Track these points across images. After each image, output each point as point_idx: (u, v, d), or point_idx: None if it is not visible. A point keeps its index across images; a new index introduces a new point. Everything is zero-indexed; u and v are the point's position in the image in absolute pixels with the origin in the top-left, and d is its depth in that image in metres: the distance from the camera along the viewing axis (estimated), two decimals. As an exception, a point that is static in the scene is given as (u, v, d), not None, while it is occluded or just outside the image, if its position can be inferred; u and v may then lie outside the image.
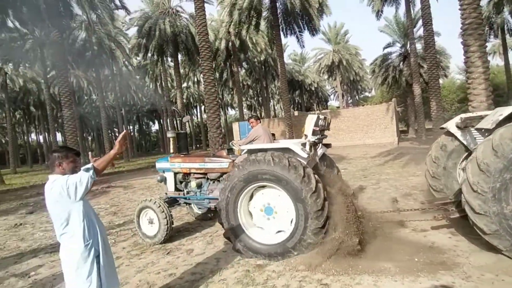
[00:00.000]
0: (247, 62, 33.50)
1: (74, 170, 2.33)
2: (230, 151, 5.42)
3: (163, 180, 5.53)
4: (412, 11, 22.29)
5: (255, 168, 3.84)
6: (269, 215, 4.06)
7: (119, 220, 6.87)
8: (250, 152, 4.23)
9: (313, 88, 44.72)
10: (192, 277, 3.64)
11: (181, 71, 32.78)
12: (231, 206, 4.01)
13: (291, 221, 3.83)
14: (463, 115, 4.27)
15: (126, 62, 30.66)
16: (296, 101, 48.17)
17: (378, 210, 4.93)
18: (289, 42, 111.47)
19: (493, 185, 3.11)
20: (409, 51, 23.68)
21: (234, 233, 4.01)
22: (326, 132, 5.05)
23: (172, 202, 5.37)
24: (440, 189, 4.60)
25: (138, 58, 32.53)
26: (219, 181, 5.00)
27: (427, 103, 19.97)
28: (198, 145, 51.23)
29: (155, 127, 62.87)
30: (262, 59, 32.59)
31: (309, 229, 3.64)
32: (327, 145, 5.00)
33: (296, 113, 29.38)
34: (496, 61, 42.56)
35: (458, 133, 4.33)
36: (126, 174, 18.45)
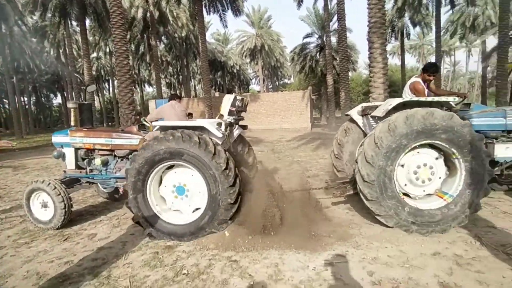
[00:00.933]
0: (166, 37, 31.50)
1: None
2: (142, 127, 5.05)
3: (61, 156, 4.86)
4: (329, 5, 23.75)
5: (164, 146, 3.65)
6: (181, 194, 3.93)
7: (5, 205, 5.87)
8: (163, 129, 3.99)
9: (235, 71, 44.75)
10: (93, 263, 3.32)
11: (90, 38, 29.09)
12: (139, 187, 3.75)
13: (205, 197, 3.78)
14: (364, 104, 4.74)
15: (19, 21, 25.68)
16: (218, 82, 47.67)
17: (288, 189, 5.23)
18: (213, 21, 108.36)
19: (383, 158, 3.55)
20: (325, 43, 25.34)
21: (144, 217, 3.78)
22: (243, 114, 5.07)
23: (72, 182, 4.79)
24: (341, 169, 5.07)
25: (35, 17, 27.59)
26: (128, 159, 4.63)
27: (338, 93, 21.87)
28: (110, 123, 46.95)
29: (57, 100, 54.92)
30: (183, 35, 31.03)
31: (221, 206, 3.66)
32: (244, 127, 5.03)
33: (217, 94, 29.11)
34: (395, 61, 48.93)
35: (358, 120, 4.81)
36: (18, 153, 15.82)
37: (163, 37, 31.75)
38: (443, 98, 3.81)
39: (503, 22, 16.06)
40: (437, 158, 3.80)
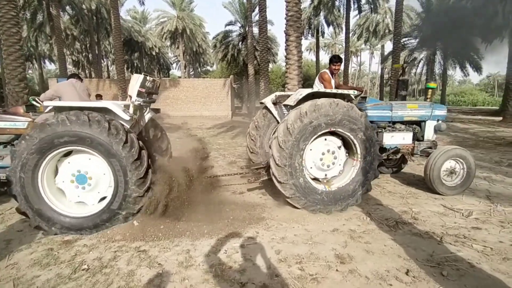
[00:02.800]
0: (72, 7, 27.77)
1: None
2: (31, 107, 4.36)
3: None
4: (252, -5, 23.96)
5: (63, 129, 3.22)
6: (83, 184, 3.54)
7: None
8: (59, 110, 3.51)
9: (154, 53, 42.07)
10: (-39, 269, 2.77)
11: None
12: (28, 176, 3.25)
13: (111, 187, 3.48)
14: (277, 93, 4.96)
15: None
16: (135, 64, 44.24)
17: (204, 175, 5.19)
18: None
19: (294, 143, 3.77)
20: (248, 33, 25.64)
21: (35, 209, 3.30)
22: (159, 97, 4.79)
23: None
24: (255, 151, 5.23)
25: None
26: (13, 145, 3.96)
27: (259, 84, 22.45)
28: (-2, 103, 39.66)
29: None
30: (93, 7, 27.78)
31: (129, 199, 3.41)
32: (156, 110, 4.76)
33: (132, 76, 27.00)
34: (311, 57, 52.33)
35: (272, 108, 5.01)
36: None
37: (67, 7, 27.87)
38: (345, 91, 4.22)
39: (397, 30, 18.55)
40: (339, 147, 4.21)
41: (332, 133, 4.15)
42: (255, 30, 26.25)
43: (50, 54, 39.92)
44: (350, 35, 31.95)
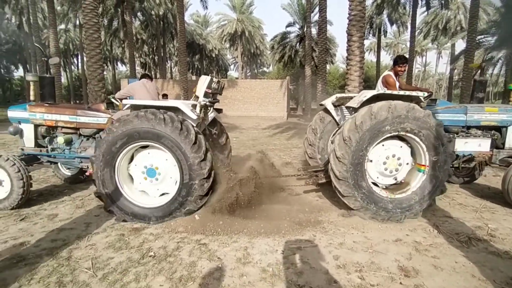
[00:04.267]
0: (143, 14, 30.16)
1: None
2: (110, 105, 4.84)
3: (18, 132, 4.55)
4: (311, -5, 23.66)
5: (141, 126, 3.53)
6: (151, 177, 3.84)
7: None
8: (134, 108, 3.85)
9: (213, 55, 43.80)
10: (52, 244, 3.18)
11: (58, 8, 27.25)
12: (107, 165, 3.62)
13: (176, 184, 3.73)
14: (338, 95, 4.83)
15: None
16: (195, 65, 46.54)
17: (261, 176, 5.27)
18: (192, 1, 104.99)
19: (353, 155, 3.65)
20: (306, 34, 25.38)
21: (109, 194, 3.66)
22: (218, 97, 5.00)
23: (30, 159, 4.54)
24: (314, 156, 5.17)
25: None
26: (94, 138, 4.44)
27: (315, 85, 22.11)
28: (77, 101, 44.74)
29: (19, 73, 51.01)
30: (160, 13, 29.85)
31: (192, 197, 3.63)
32: (219, 110, 4.97)
33: (194, 77, 28.47)
34: (371, 57, 49.99)
35: (332, 110, 4.90)
36: (-26, 126, 14.71)
37: (138, 14, 30.36)
38: (413, 93, 3.95)
39: (472, 27, 16.84)
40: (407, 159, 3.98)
41: (397, 139, 3.93)
42: (313, 30, 25.91)
43: (122, 56, 43.98)
44: (416, 33, 29.80)
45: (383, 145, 3.92)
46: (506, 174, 4.23)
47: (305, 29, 25.61)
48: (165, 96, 10.80)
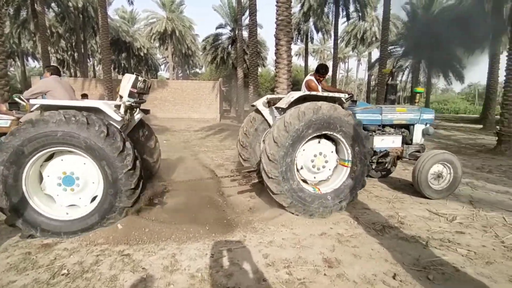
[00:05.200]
0: (58, 4, 27.19)
1: None
2: (14, 105, 4.20)
3: None
4: (242, -2, 24.01)
5: (58, 129, 3.12)
6: (69, 185, 3.42)
7: None
8: (46, 108, 3.40)
9: (142, 54, 41.54)
10: None
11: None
12: (11, 172, 3.12)
13: (99, 195, 3.40)
14: (269, 96, 4.95)
15: None
16: (123, 64, 43.57)
17: (192, 178, 5.12)
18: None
19: (283, 154, 3.75)
20: (237, 36, 25.63)
21: (14, 206, 3.16)
22: (148, 98, 4.71)
23: None
24: (247, 158, 5.20)
25: None
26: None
27: (248, 87, 22.46)
28: (-23, 101, 38.25)
29: None
30: (79, 5, 27.26)
31: (122, 192, 3.33)
32: (146, 111, 4.69)
33: (120, 76, 26.61)
34: (300, 62, 52.77)
35: (264, 111, 5.00)
36: None
37: (53, 4, 27.28)
38: (336, 94, 4.24)
39: (384, 38, 18.93)
40: (332, 151, 4.24)
41: (327, 137, 4.17)
42: (245, 33, 26.31)
43: (34, 51, 38.85)
44: (339, 41, 32.38)
45: (304, 148, 4.11)
46: (415, 166, 4.78)
47: (237, 31, 25.88)
48: (84, 96, 9.85)
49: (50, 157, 3.40)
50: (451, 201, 4.77)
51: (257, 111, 5.16)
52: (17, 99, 4.24)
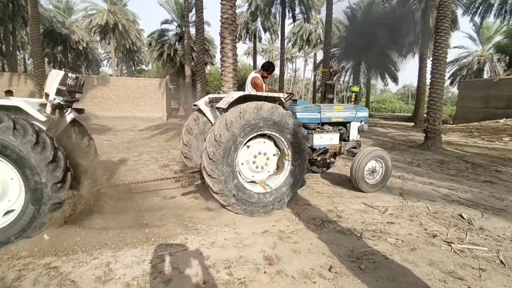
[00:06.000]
0: (-22, -11, 24.08)
1: None
2: None
3: None
4: (189, -5, 23.42)
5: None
6: None
7: None
8: None
9: (81, 48, 38.50)
10: None
11: None
12: None
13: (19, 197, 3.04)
14: (211, 95, 4.89)
15: None
16: (59, 58, 39.93)
17: (133, 181, 4.87)
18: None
19: (223, 153, 3.73)
20: (184, 33, 24.96)
21: None
22: (84, 96, 4.35)
23: None
24: (190, 156, 5.07)
25: None
26: None
27: (196, 85, 22.01)
28: None
29: None
30: (6, -8, 24.40)
31: (43, 209, 3.01)
32: (79, 110, 4.32)
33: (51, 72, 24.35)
34: (249, 61, 53.09)
35: (206, 110, 4.91)
36: None
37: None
38: (276, 94, 4.32)
39: (327, 41, 19.85)
40: (274, 155, 4.32)
41: (269, 137, 4.23)
42: (192, 30, 25.75)
43: None
44: (286, 42, 33.22)
45: (248, 146, 4.15)
46: (352, 164, 5.06)
47: (184, 28, 25.23)
48: (9, 93, 8.83)
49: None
50: (384, 194, 5.15)
51: (200, 110, 5.06)
52: None
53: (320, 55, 39.33)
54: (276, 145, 4.34)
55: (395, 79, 30.42)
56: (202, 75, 19.03)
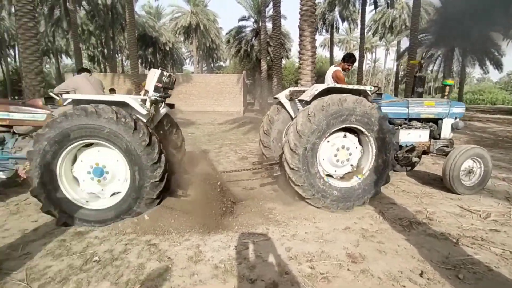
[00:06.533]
0: (88, 3, 28.18)
1: None
2: (49, 100, 4.43)
3: None
4: (266, -10, 23.76)
5: (84, 122, 3.26)
6: (99, 176, 3.58)
7: None
8: (78, 103, 3.55)
9: (168, 48, 42.30)
10: (-27, 257, 2.84)
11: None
12: (47, 161, 3.29)
13: (125, 184, 3.52)
14: (292, 88, 4.90)
15: None
16: (149, 59, 44.61)
17: (216, 171, 5.20)
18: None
19: (306, 146, 3.71)
20: (261, 28, 25.46)
21: (49, 194, 3.34)
22: (173, 92, 4.81)
23: None
24: (268, 146, 5.17)
25: None
26: (31, 137, 4.04)
27: (271, 79, 22.32)
28: (16, 96, 40.72)
29: None
30: (108, 2, 28.09)
31: (142, 200, 3.46)
32: (171, 105, 4.78)
33: (147, 71, 27.30)
34: (325, 53, 51.65)
35: (286, 103, 4.95)
36: None
37: (84, 3, 28.32)
38: (361, 87, 4.11)
39: (414, 26, 18.07)
40: (357, 149, 4.16)
41: (352, 131, 4.09)
42: (269, 25, 26.06)
43: (67, 49, 40.70)
44: (365, 31, 31.33)
45: (328, 141, 4.05)
46: (446, 163, 4.56)
47: (260, 23, 25.70)
48: (112, 90, 10.20)
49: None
50: (485, 197, 4.53)
51: (280, 103, 5.12)
52: (52, 95, 4.46)
53: (404, 43, 36.13)
54: (359, 139, 4.16)
55: (498, 66, 26.23)
56: (278, 69, 19.21)
